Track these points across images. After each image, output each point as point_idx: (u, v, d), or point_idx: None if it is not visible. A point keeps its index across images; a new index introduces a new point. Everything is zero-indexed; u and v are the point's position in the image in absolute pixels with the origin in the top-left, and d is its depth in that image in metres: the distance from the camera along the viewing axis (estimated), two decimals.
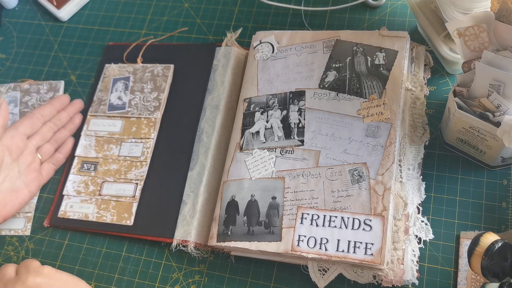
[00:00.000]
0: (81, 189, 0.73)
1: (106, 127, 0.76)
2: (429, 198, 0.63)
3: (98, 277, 0.68)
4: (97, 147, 0.75)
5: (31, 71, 0.85)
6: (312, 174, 0.62)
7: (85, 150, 0.75)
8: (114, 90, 0.78)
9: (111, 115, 0.76)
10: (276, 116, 0.67)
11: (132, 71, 0.79)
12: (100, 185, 0.72)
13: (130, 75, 0.78)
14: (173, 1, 0.86)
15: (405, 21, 0.74)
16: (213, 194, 0.67)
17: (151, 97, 0.75)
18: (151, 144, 0.73)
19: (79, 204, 0.72)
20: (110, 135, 0.75)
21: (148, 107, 0.75)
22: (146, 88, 0.76)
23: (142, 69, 0.78)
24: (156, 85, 0.76)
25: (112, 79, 0.79)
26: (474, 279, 0.57)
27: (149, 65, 0.78)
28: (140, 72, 0.78)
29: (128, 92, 0.77)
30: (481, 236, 0.49)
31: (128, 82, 0.78)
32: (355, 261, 0.57)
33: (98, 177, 0.73)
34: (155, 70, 0.77)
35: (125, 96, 0.77)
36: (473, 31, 0.55)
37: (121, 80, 0.78)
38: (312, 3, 0.79)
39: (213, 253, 0.66)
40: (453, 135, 0.61)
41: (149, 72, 0.77)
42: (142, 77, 0.77)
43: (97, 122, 0.77)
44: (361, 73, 0.66)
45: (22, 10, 0.92)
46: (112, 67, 0.80)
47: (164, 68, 0.77)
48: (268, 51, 0.72)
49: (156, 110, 0.74)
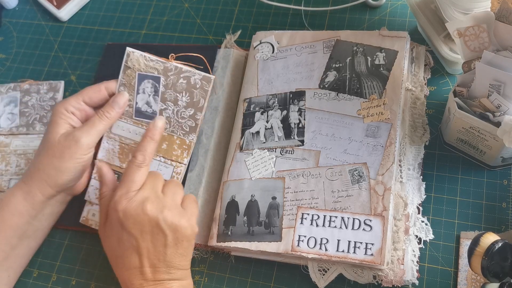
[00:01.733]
0: None
1: (132, 134, 0.69)
2: (429, 198, 0.63)
3: (98, 277, 0.68)
4: (121, 155, 0.69)
5: (31, 71, 0.85)
6: (312, 174, 0.62)
7: (108, 155, 0.69)
8: (141, 90, 0.68)
9: (138, 122, 0.68)
10: (276, 116, 0.67)
11: (163, 70, 0.67)
12: None
13: (160, 75, 0.67)
14: (173, 1, 0.86)
15: (405, 21, 0.74)
16: (212, 195, 0.67)
17: (187, 114, 0.67)
18: (182, 170, 0.67)
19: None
20: (135, 144, 0.68)
21: (183, 125, 0.67)
22: (180, 100, 0.67)
23: (175, 72, 0.67)
24: (192, 99, 0.66)
25: (137, 74, 0.68)
26: (474, 279, 0.57)
27: (185, 69, 0.67)
28: (172, 75, 0.67)
29: (158, 99, 0.67)
30: (481, 236, 0.49)
31: (158, 86, 0.67)
32: (355, 261, 0.56)
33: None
34: (192, 79, 0.66)
35: (154, 103, 0.67)
36: (473, 31, 0.55)
37: (149, 79, 0.68)
38: (312, 3, 0.79)
39: (213, 253, 0.66)
40: (453, 135, 0.61)
41: (184, 78, 0.67)
42: (175, 83, 0.67)
43: (122, 126, 0.69)
44: (361, 73, 0.66)
45: (22, 10, 0.92)
46: (136, 55, 0.68)
47: (203, 79, 0.66)
48: (268, 51, 0.72)
49: (192, 132, 0.67)
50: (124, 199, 0.57)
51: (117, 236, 0.58)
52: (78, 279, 0.69)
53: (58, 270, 0.70)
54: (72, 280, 0.69)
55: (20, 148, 0.77)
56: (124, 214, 0.57)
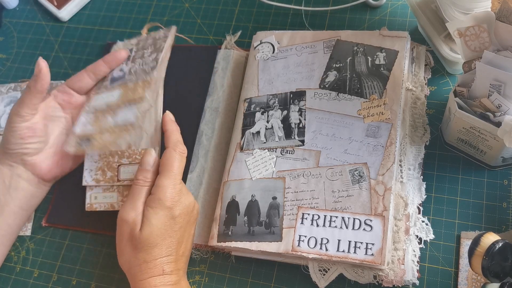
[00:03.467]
0: (99, 176, 0.70)
1: (105, 99, 0.72)
2: (429, 198, 0.63)
3: (99, 277, 0.68)
4: (95, 122, 0.71)
5: (31, 71, 0.85)
6: (312, 174, 0.62)
7: (83, 128, 0.71)
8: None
9: (112, 87, 0.73)
10: (277, 116, 0.67)
11: (136, 42, 0.77)
12: (117, 169, 0.69)
13: (133, 46, 0.76)
14: (174, 1, 0.86)
15: (406, 21, 0.74)
16: (213, 196, 0.67)
17: (150, 59, 0.73)
18: (146, 106, 0.68)
19: (102, 194, 0.69)
20: (108, 107, 0.71)
21: (146, 69, 0.72)
22: (146, 53, 0.74)
23: (145, 38, 0.76)
24: (155, 47, 0.73)
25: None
26: (474, 279, 0.57)
27: (153, 33, 0.76)
28: (142, 41, 0.76)
29: (129, 62, 0.74)
30: (482, 236, 0.49)
31: (131, 54, 0.75)
32: (355, 261, 0.56)
33: (112, 160, 0.69)
34: (157, 35, 0.75)
35: (125, 67, 0.74)
36: (474, 31, 0.55)
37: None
38: (313, 3, 0.79)
39: (213, 253, 0.66)
40: (454, 135, 0.61)
41: (151, 38, 0.75)
42: (144, 45, 0.75)
43: (98, 98, 0.73)
44: (362, 73, 0.66)
45: (22, 10, 0.92)
46: (118, 45, 0.79)
47: (165, 31, 0.75)
48: (269, 51, 0.72)
49: (153, 69, 0.71)
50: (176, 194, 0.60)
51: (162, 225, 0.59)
52: (78, 279, 0.69)
53: (59, 270, 0.70)
54: (73, 280, 0.69)
55: None
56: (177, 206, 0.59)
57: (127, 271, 0.60)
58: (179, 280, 0.59)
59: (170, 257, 0.59)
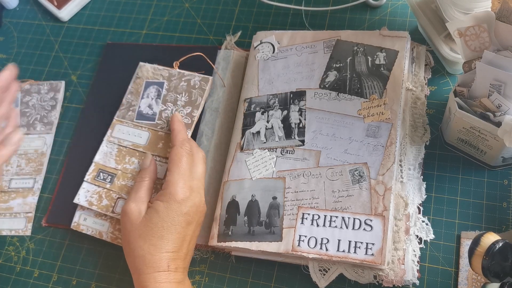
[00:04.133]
0: (93, 200, 0.68)
1: (131, 136, 0.70)
2: (429, 198, 0.63)
3: (99, 277, 0.68)
4: (118, 157, 0.70)
5: (31, 71, 0.85)
6: (312, 174, 0.62)
7: (104, 158, 0.70)
8: (146, 95, 0.72)
9: (139, 124, 0.71)
10: (277, 116, 0.67)
11: (167, 76, 0.72)
12: (115, 201, 0.67)
13: (164, 80, 0.72)
14: (174, 1, 0.86)
15: (406, 21, 0.74)
16: (213, 195, 0.67)
17: (184, 112, 0.69)
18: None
19: (93, 218, 0.68)
20: (134, 146, 0.70)
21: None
22: (180, 100, 0.70)
23: (178, 76, 0.72)
24: (191, 98, 0.70)
25: (145, 81, 0.73)
26: (475, 279, 0.57)
27: (186, 73, 0.72)
28: (175, 79, 0.72)
29: (160, 101, 0.71)
30: (482, 236, 0.49)
31: (162, 89, 0.71)
32: (355, 261, 0.56)
33: (113, 191, 0.68)
34: (192, 81, 0.71)
35: (156, 106, 0.71)
36: (474, 31, 0.55)
37: (154, 85, 0.72)
38: (313, 3, 0.79)
39: (213, 253, 0.66)
40: (454, 135, 0.61)
41: (185, 81, 0.71)
42: (177, 86, 0.71)
43: (123, 129, 0.71)
44: (362, 73, 0.66)
45: (22, 10, 0.92)
46: (146, 67, 0.74)
47: (202, 80, 0.70)
48: (269, 51, 0.72)
49: (188, 128, 0.68)
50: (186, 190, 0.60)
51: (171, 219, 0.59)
52: (78, 279, 0.69)
53: (59, 270, 0.70)
54: (73, 280, 0.69)
55: (20, 148, 0.77)
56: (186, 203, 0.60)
57: (132, 264, 0.59)
58: (183, 279, 0.59)
59: (175, 254, 0.59)
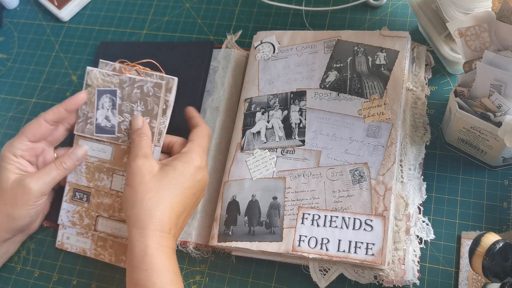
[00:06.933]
0: (76, 220, 0.69)
1: (96, 152, 0.68)
2: (430, 198, 0.63)
3: (99, 277, 0.68)
4: (88, 174, 0.69)
5: (32, 72, 0.85)
6: (313, 174, 0.62)
7: (76, 176, 0.69)
8: (100, 106, 0.68)
9: (99, 138, 0.68)
10: (277, 116, 0.67)
11: (118, 83, 0.67)
12: (95, 219, 0.68)
13: (116, 88, 0.67)
14: (174, 1, 0.86)
15: (406, 21, 0.74)
16: (213, 195, 0.67)
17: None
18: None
19: (76, 236, 0.69)
20: (100, 162, 0.68)
21: None
22: (136, 110, 0.66)
23: (129, 83, 0.66)
24: (147, 107, 0.66)
25: (97, 90, 0.68)
26: (475, 279, 0.57)
27: (138, 78, 0.66)
28: (127, 86, 0.67)
29: (116, 112, 0.67)
30: (482, 236, 0.49)
31: (115, 99, 0.67)
32: (356, 261, 0.56)
33: (91, 209, 0.68)
34: (145, 87, 0.66)
35: (113, 117, 0.67)
36: (474, 31, 0.55)
37: (107, 93, 0.67)
38: (313, 3, 0.79)
39: (214, 253, 0.66)
40: (454, 135, 0.61)
41: (138, 88, 0.66)
42: (130, 93, 0.66)
43: (86, 144, 0.69)
44: (362, 73, 0.66)
45: (23, 10, 0.92)
46: (94, 73, 0.68)
47: (155, 86, 0.65)
48: (269, 51, 0.72)
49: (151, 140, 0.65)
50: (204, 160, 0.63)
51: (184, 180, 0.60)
52: (79, 279, 0.69)
53: (59, 270, 0.70)
54: (73, 280, 0.69)
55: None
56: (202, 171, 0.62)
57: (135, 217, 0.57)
58: (174, 250, 0.58)
59: (177, 219, 0.58)
